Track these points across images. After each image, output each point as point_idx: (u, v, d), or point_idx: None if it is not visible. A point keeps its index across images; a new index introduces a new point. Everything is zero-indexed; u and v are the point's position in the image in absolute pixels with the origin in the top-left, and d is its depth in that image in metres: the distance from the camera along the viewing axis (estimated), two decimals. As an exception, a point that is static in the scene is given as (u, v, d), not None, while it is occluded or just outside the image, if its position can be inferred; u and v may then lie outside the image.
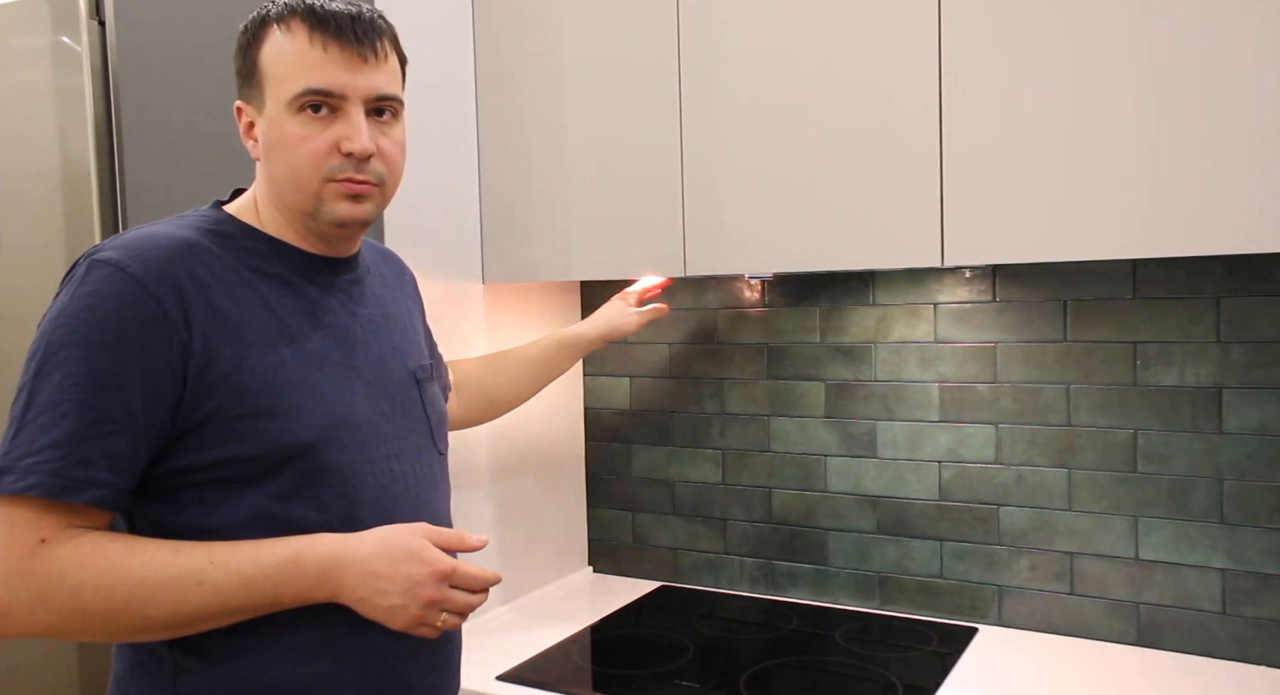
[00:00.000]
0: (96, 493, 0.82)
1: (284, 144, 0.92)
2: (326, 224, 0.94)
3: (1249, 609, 1.37)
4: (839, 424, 1.65)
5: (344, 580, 0.86)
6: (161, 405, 0.84)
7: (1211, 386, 1.38)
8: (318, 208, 0.93)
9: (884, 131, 1.28)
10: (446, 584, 0.87)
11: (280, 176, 0.94)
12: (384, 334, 1.02)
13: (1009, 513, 1.53)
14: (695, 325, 1.77)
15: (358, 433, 0.93)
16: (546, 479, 1.79)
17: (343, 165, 0.92)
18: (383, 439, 0.96)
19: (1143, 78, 1.13)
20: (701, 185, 1.42)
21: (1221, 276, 1.37)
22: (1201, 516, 1.40)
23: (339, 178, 0.92)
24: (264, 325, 0.90)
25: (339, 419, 0.92)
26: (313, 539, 0.87)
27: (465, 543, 0.91)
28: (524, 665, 1.42)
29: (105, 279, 0.84)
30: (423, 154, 1.50)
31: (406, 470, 0.98)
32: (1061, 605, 1.50)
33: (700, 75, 1.41)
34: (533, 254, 1.57)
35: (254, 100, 0.94)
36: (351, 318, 0.99)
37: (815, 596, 1.69)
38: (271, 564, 0.85)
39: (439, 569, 0.87)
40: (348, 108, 0.92)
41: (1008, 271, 1.51)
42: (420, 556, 0.87)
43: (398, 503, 0.96)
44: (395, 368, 1.02)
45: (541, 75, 1.55)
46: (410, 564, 0.86)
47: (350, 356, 0.96)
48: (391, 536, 0.88)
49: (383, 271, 1.11)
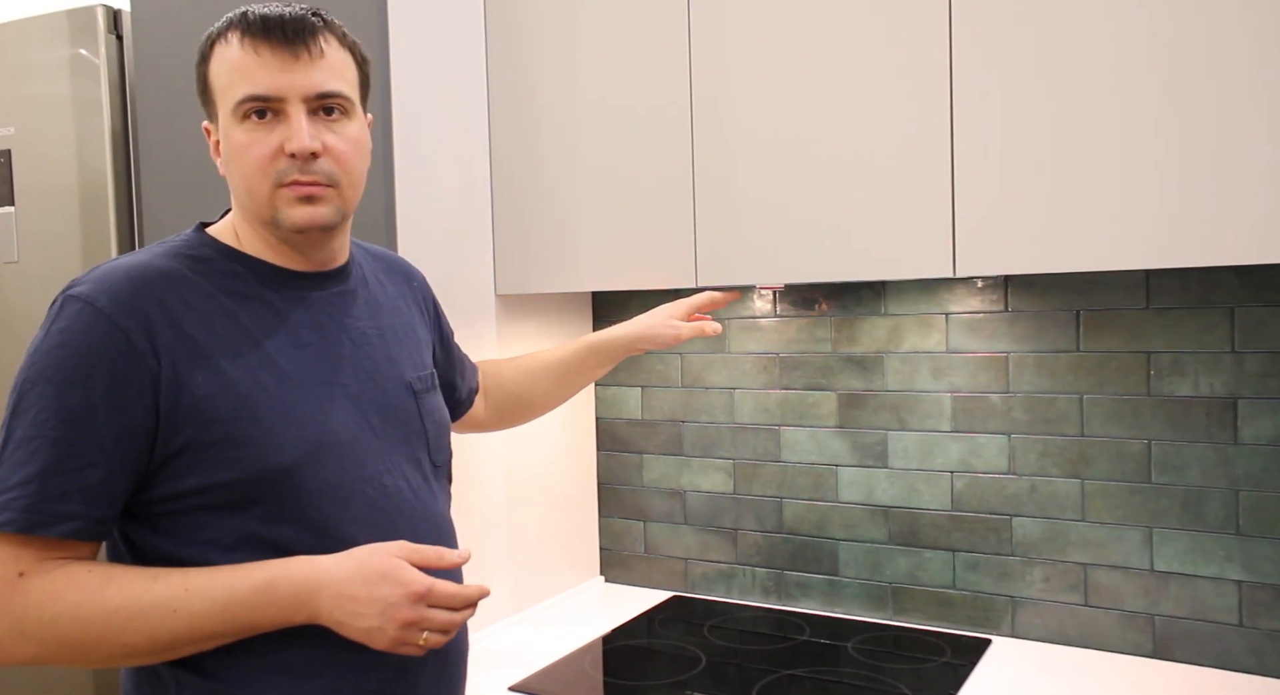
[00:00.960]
0: (71, 526, 0.83)
1: (235, 154, 0.92)
2: (287, 231, 0.93)
3: (1265, 621, 1.36)
4: (851, 434, 1.65)
5: (320, 604, 0.85)
6: (135, 437, 0.85)
7: (1226, 396, 1.38)
8: (274, 216, 0.92)
9: (895, 142, 1.28)
10: (423, 604, 0.85)
11: (238, 188, 0.94)
12: (379, 346, 1.01)
13: (1022, 523, 1.52)
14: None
15: (343, 451, 0.92)
16: (558, 489, 1.79)
17: (289, 168, 0.91)
18: (373, 455, 0.95)
19: (1154, 89, 1.13)
20: (713, 196, 1.42)
21: (1234, 286, 1.36)
22: (1217, 528, 1.39)
23: (286, 182, 0.91)
24: (238, 350, 0.90)
25: (320, 439, 0.91)
26: (287, 563, 0.87)
27: (443, 560, 0.89)
28: (535, 675, 1.42)
29: (76, 314, 0.85)
30: (435, 165, 1.51)
31: (401, 485, 0.97)
32: (1075, 616, 1.49)
33: (712, 86, 1.41)
34: (545, 265, 1.58)
35: (213, 117, 0.95)
36: (339, 332, 0.98)
37: (827, 607, 1.69)
38: (246, 590, 0.84)
39: (413, 590, 0.85)
40: (288, 109, 0.91)
41: (1020, 281, 1.51)
42: (394, 578, 0.85)
43: (393, 518, 0.95)
44: (390, 381, 1.00)
45: (554, 86, 1.55)
46: (384, 586, 0.85)
47: (334, 372, 0.95)
48: (366, 558, 0.86)
49: (383, 280, 1.09)
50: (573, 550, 1.83)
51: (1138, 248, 1.15)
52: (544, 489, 1.75)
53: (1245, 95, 1.08)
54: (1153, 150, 1.13)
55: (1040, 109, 1.19)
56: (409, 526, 0.96)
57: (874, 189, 1.30)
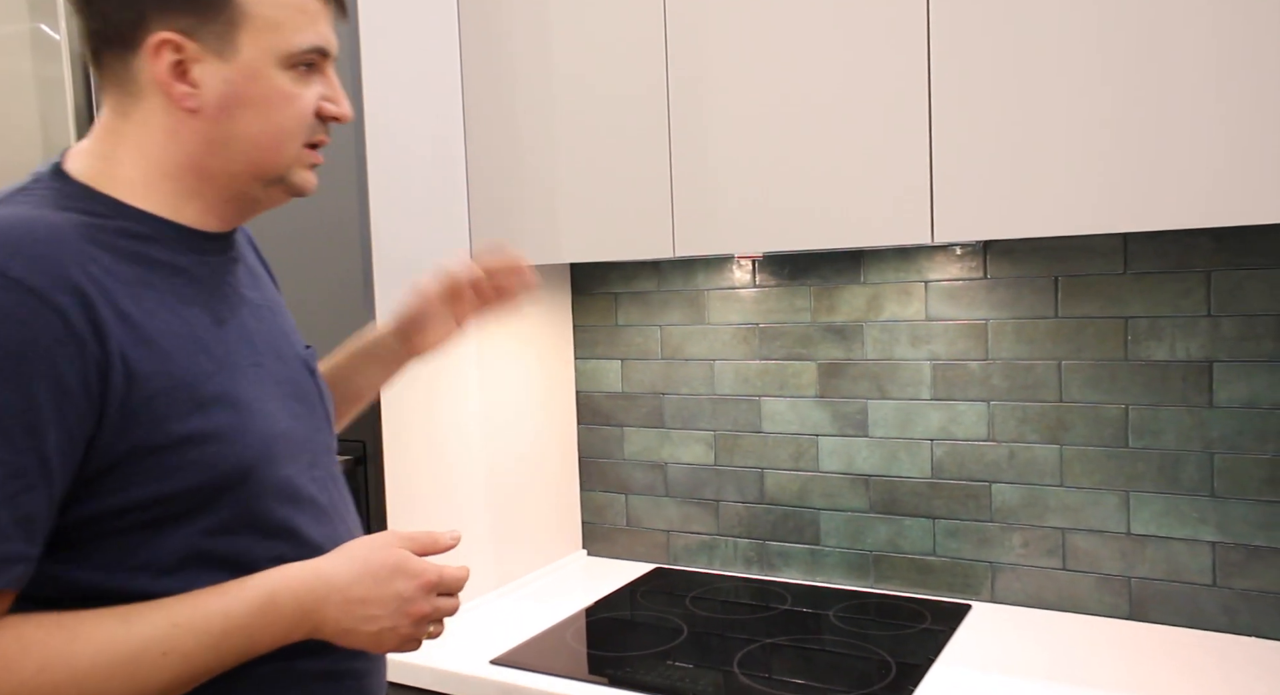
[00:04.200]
0: (15, 572, 0.67)
1: (269, 102, 0.78)
2: (284, 193, 0.83)
3: (1238, 581, 1.38)
4: (831, 403, 1.65)
5: (326, 614, 0.76)
6: (76, 447, 0.69)
7: (1202, 360, 1.38)
8: (286, 175, 0.82)
9: (873, 109, 1.27)
10: (434, 593, 0.79)
11: (251, 137, 0.79)
12: (271, 319, 0.89)
13: (1001, 490, 1.53)
14: (685, 306, 1.77)
15: (285, 442, 0.82)
16: (539, 463, 1.79)
17: (317, 129, 0.83)
18: (302, 444, 0.85)
19: (1130, 52, 1.12)
20: (690, 165, 1.41)
21: (1211, 250, 1.37)
22: (1192, 490, 1.40)
23: (314, 142, 0.83)
24: (174, 330, 0.75)
25: (270, 429, 0.80)
26: (283, 574, 0.76)
27: (439, 543, 0.82)
28: (517, 649, 1.42)
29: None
30: (407, 135, 1.49)
31: (324, 476, 0.87)
32: (1053, 581, 1.50)
33: (688, 56, 1.40)
34: (522, 236, 1.56)
35: (212, 39, 0.76)
36: (242, 305, 0.85)
37: (808, 576, 1.69)
38: (244, 613, 0.73)
39: (427, 579, 0.78)
40: (326, 67, 0.83)
41: (998, 248, 1.51)
42: (406, 570, 0.78)
43: (333, 512, 0.86)
44: (292, 358, 0.89)
45: (529, 55, 1.53)
46: (398, 580, 0.77)
47: (253, 351, 0.83)
48: (368, 555, 0.78)
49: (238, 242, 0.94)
50: (554, 524, 1.83)
51: (1113, 211, 1.14)
52: (525, 463, 1.75)
53: (1218, 60, 1.08)
54: (1128, 115, 1.13)
55: (1016, 75, 1.18)
56: (343, 519, 0.88)
57: (852, 156, 1.29)
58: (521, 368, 1.74)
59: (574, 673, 1.33)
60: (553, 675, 1.32)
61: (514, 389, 1.72)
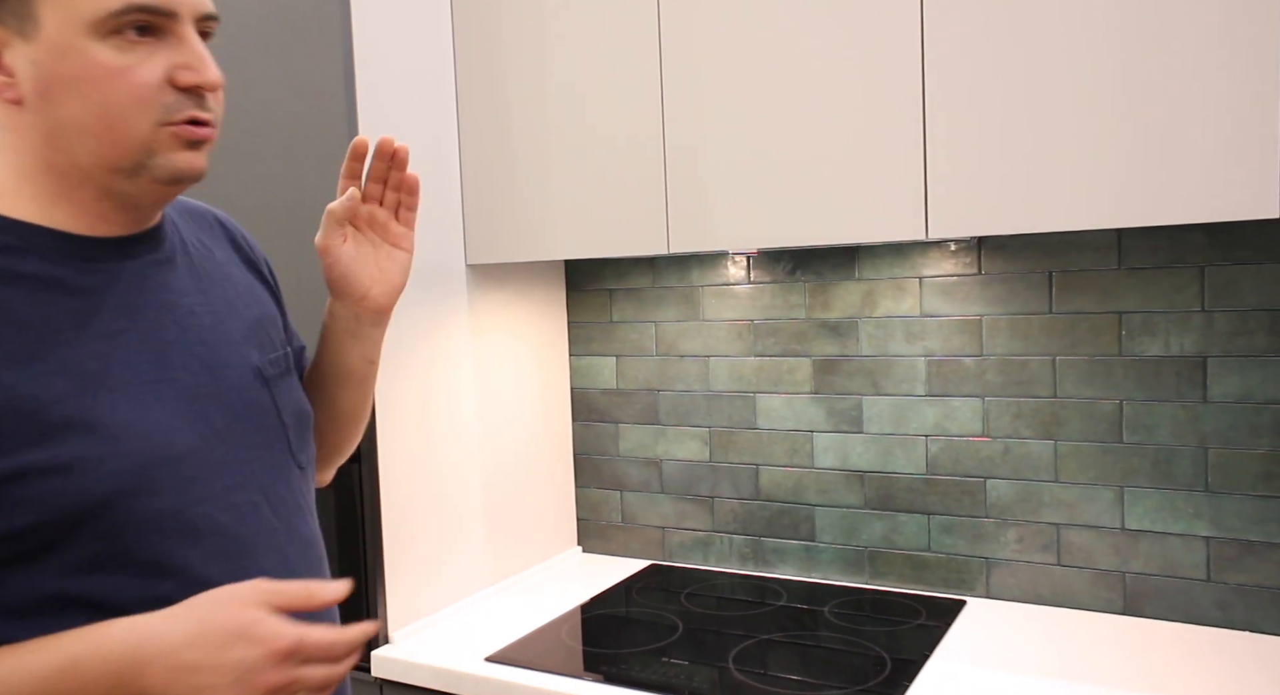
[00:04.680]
0: None
1: (91, 79, 0.69)
2: (155, 183, 0.73)
3: (1232, 575, 1.38)
4: (825, 400, 1.65)
5: (149, 680, 0.65)
6: None
7: (1196, 355, 1.39)
8: (146, 162, 0.72)
9: (867, 104, 1.27)
10: (294, 662, 0.67)
11: (80, 124, 0.70)
12: (213, 326, 0.81)
13: (995, 485, 1.53)
14: (680, 302, 1.77)
15: (179, 468, 0.73)
16: (534, 460, 1.79)
17: (179, 103, 0.72)
18: (218, 468, 0.76)
19: (1119, 49, 1.12)
20: (684, 161, 1.40)
21: (1204, 246, 1.37)
22: (1186, 485, 1.40)
23: (176, 119, 0.72)
24: (18, 351, 0.68)
25: (148, 456, 0.71)
26: (99, 632, 0.66)
27: (314, 599, 0.69)
28: (513, 646, 1.42)
29: None
30: (400, 131, 1.48)
31: (258, 501, 0.79)
32: (1048, 576, 1.50)
33: (682, 52, 1.39)
34: (516, 233, 1.56)
35: (11, 18, 0.69)
36: (163, 312, 0.77)
37: (804, 572, 1.69)
38: (36, 679, 0.64)
39: (277, 648, 0.66)
40: (178, 29, 0.72)
41: (992, 244, 1.51)
42: (250, 635, 0.66)
43: (252, 546, 0.78)
44: (233, 369, 0.81)
45: (522, 51, 1.52)
46: (238, 647, 0.65)
47: (161, 366, 0.75)
48: (210, 614, 0.67)
49: (204, 241, 0.87)
50: (549, 521, 1.83)
51: (1107, 207, 1.14)
52: (520, 460, 1.75)
53: (1209, 55, 1.08)
54: (1121, 110, 1.13)
55: (1011, 71, 1.18)
56: (273, 553, 0.79)
57: (846, 152, 1.29)
58: (516, 364, 1.74)
59: (569, 670, 1.33)
60: (548, 672, 1.32)
61: (508, 385, 1.72)
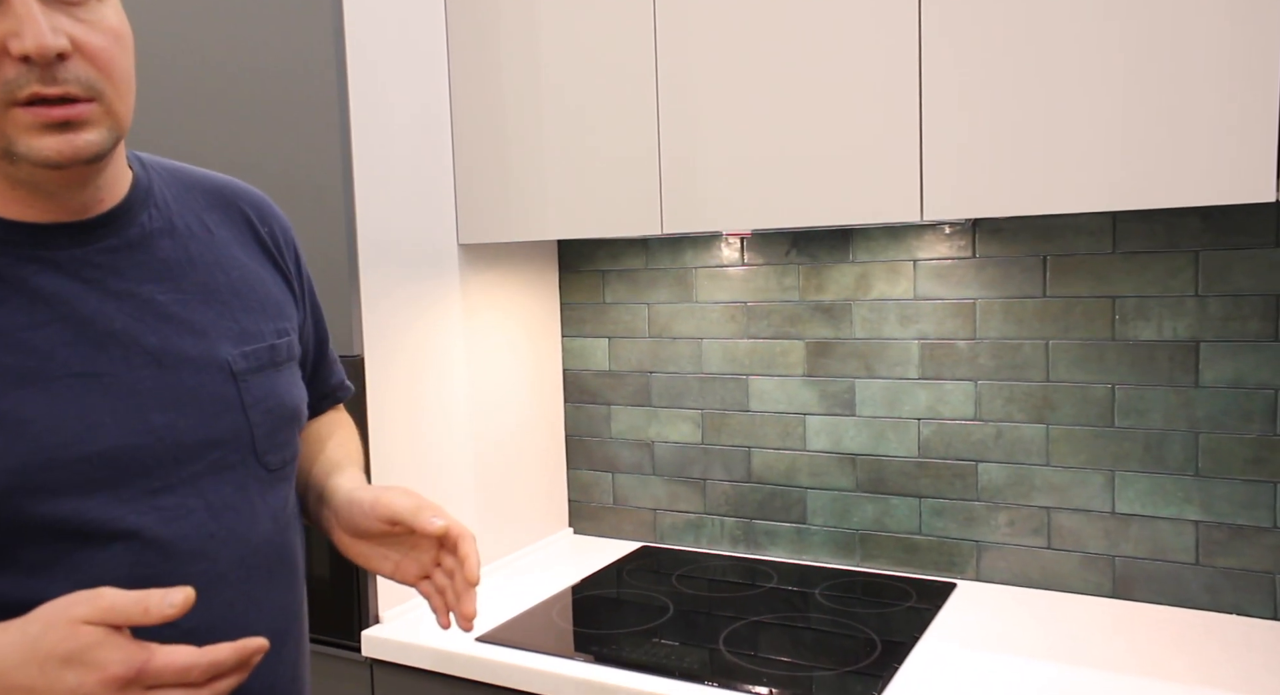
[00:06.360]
0: None
1: None
2: (38, 168, 0.67)
3: (1221, 559, 1.39)
4: (818, 382, 1.65)
5: None
6: None
7: (1189, 340, 1.39)
8: (9, 149, 0.66)
9: (863, 86, 1.26)
10: (138, 689, 0.60)
11: None
12: (179, 315, 0.76)
13: (987, 469, 1.53)
14: (673, 284, 1.76)
15: (87, 468, 0.68)
16: (525, 441, 1.78)
17: (22, 78, 0.64)
18: (145, 468, 0.71)
19: (1118, 30, 1.11)
20: (678, 141, 1.39)
21: (1199, 230, 1.37)
22: (1177, 469, 1.41)
23: (21, 98, 0.64)
24: None
25: (47, 455, 0.67)
26: None
27: (150, 613, 0.61)
28: (504, 627, 1.42)
29: None
30: (392, 110, 1.46)
31: (192, 504, 0.74)
32: (1039, 559, 1.51)
33: (676, 31, 1.38)
34: (509, 213, 1.55)
35: None
36: (108, 301, 0.72)
37: (795, 555, 1.70)
38: None
39: (110, 673, 0.59)
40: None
41: (987, 227, 1.50)
42: (84, 659, 0.59)
43: (171, 551, 0.72)
44: (191, 362, 0.75)
45: (515, 30, 1.51)
46: (70, 671, 0.59)
47: (95, 358, 0.70)
48: (42, 633, 0.60)
49: (207, 223, 0.82)
50: (541, 502, 1.83)
51: (1102, 190, 1.14)
52: (511, 442, 1.74)
53: (1207, 38, 1.07)
54: (1117, 93, 1.12)
55: (1007, 52, 1.17)
56: (203, 565, 0.74)
57: (841, 133, 1.28)
58: (508, 346, 1.73)
59: (560, 650, 1.33)
60: (539, 653, 1.32)
61: (500, 367, 1.71)
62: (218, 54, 1.46)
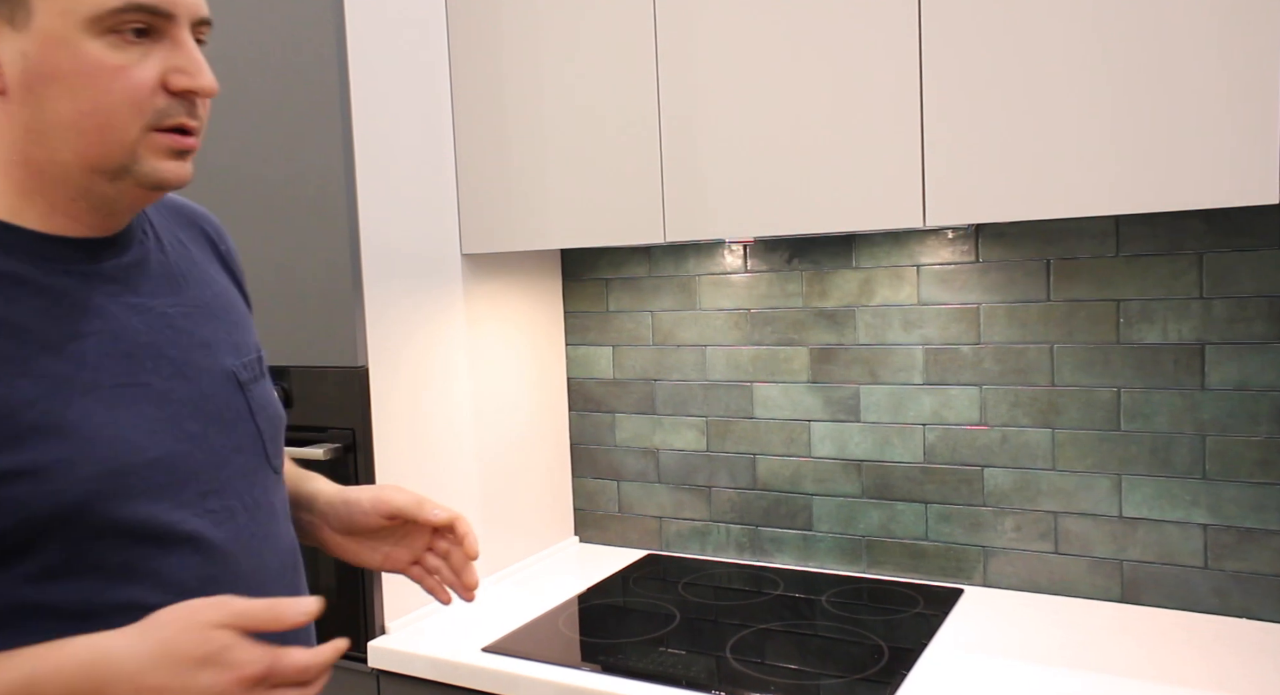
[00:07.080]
0: None
1: (83, 76, 0.67)
2: (137, 187, 0.72)
3: (1229, 563, 1.38)
4: (823, 388, 1.65)
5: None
6: None
7: (1194, 343, 1.38)
8: (130, 165, 0.70)
9: (864, 92, 1.26)
10: (264, 688, 0.64)
11: (67, 121, 0.68)
12: (188, 328, 0.79)
13: (993, 474, 1.53)
14: (677, 292, 1.76)
15: (152, 473, 0.71)
16: (530, 450, 1.78)
17: (170, 107, 0.70)
18: (193, 473, 0.75)
19: (1121, 35, 1.11)
20: (680, 149, 1.39)
21: (1203, 232, 1.36)
22: (1184, 473, 1.40)
23: (167, 125, 0.71)
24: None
25: (120, 461, 0.70)
26: (59, 650, 0.63)
27: (282, 620, 0.66)
28: (510, 636, 1.42)
29: None
30: (395, 120, 1.47)
31: (234, 506, 0.77)
32: (1046, 565, 1.50)
33: (677, 38, 1.38)
34: (511, 222, 1.55)
35: (3, 5, 0.67)
36: (132, 315, 0.75)
37: (801, 561, 1.69)
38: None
39: (247, 674, 0.64)
40: (174, 32, 0.70)
41: (990, 231, 1.50)
42: (219, 661, 0.63)
43: (232, 557, 0.76)
44: (207, 372, 0.79)
45: (517, 38, 1.51)
46: (206, 673, 0.63)
47: (131, 369, 0.73)
48: (175, 636, 0.64)
49: (184, 241, 0.86)
50: (546, 511, 1.83)
51: (1105, 194, 1.14)
52: (516, 450, 1.74)
53: (1208, 41, 1.07)
54: (1119, 97, 1.12)
55: (1009, 57, 1.17)
56: (253, 564, 0.78)
57: (843, 140, 1.28)
58: (512, 354, 1.73)
59: (566, 660, 1.32)
60: (545, 662, 1.32)
61: (505, 375, 1.71)
62: (220, 65, 1.46)
